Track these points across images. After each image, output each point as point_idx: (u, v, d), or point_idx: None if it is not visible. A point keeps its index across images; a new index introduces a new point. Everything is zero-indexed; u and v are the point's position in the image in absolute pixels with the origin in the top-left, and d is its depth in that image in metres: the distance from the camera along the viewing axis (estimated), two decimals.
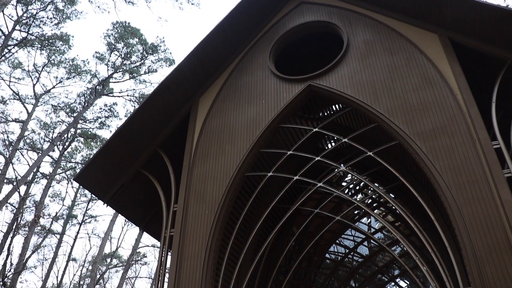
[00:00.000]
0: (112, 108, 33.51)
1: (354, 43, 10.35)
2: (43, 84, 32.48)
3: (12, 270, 24.29)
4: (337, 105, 12.34)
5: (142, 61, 33.90)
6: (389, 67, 9.56)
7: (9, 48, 27.74)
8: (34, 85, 31.18)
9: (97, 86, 32.46)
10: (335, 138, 11.70)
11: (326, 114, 12.50)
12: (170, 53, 34.19)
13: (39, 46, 30.44)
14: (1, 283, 22.65)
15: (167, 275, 9.28)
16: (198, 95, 11.36)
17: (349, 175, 14.53)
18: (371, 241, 15.83)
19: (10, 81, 30.53)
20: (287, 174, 10.06)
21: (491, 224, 7.00)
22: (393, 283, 15.95)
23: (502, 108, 9.21)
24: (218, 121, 10.67)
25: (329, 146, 13.36)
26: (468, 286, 7.10)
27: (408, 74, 9.26)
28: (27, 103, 31.07)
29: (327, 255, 15.48)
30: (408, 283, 16.72)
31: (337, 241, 15.41)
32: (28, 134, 30.96)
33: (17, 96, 30.61)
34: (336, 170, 10.08)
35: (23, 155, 30.86)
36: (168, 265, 9.39)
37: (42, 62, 31.91)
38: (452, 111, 8.34)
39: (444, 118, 8.33)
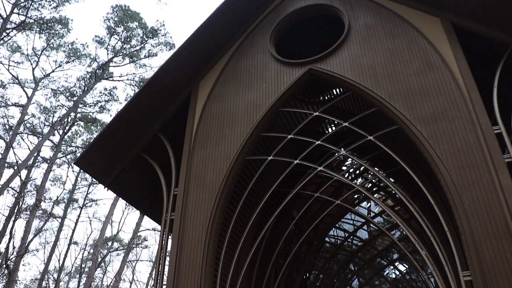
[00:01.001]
0: (112, 92, 33.44)
1: (355, 27, 10.26)
2: (43, 68, 32.42)
3: (15, 253, 24.49)
4: (337, 89, 12.28)
5: (142, 45, 33.71)
6: (390, 51, 9.50)
7: (7, 31, 27.54)
8: (33, 69, 31.06)
9: (97, 70, 32.33)
10: (336, 122, 11.70)
11: (326, 98, 12.45)
12: (170, 37, 34.08)
13: (38, 29, 30.22)
14: (4, 265, 22.85)
15: (167, 258, 9.35)
16: (198, 79, 11.31)
17: (349, 159, 14.55)
18: (371, 225, 15.90)
19: (9, 65, 30.41)
20: (287, 158, 10.07)
21: (491, 209, 7.02)
22: (392, 267, 16.08)
23: (504, 92, 9.17)
24: (218, 105, 10.64)
25: (330, 130, 13.34)
26: (467, 270, 7.15)
27: (410, 58, 9.19)
28: (26, 87, 30.99)
29: (326, 239, 15.56)
30: (407, 266, 16.82)
31: (337, 225, 15.48)
32: (28, 119, 30.94)
33: (17, 80, 30.50)
34: (336, 154, 10.10)
35: (23, 140, 30.86)
36: (168, 248, 9.45)
37: (41, 45, 31.81)
38: (453, 96, 8.30)
39: (445, 102, 8.30)
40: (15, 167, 26.24)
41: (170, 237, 9.55)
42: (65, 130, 31.70)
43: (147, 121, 11.00)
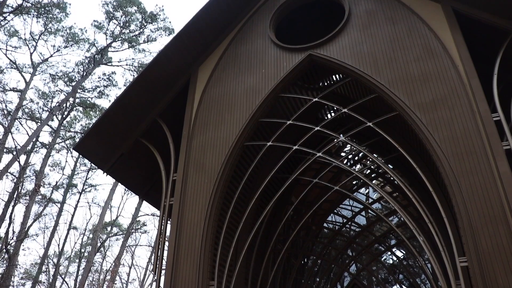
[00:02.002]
0: (111, 77, 33.28)
1: (356, 13, 10.19)
2: (40, 53, 32.11)
3: (15, 238, 24.62)
4: (337, 75, 12.25)
5: (141, 30, 33.45)
6: (390, 37, 9.45)
7: (4, 15, 27.28)
8: (31, 53, 30.83)
9: (96, 55, 32.13)
10: (335, 108, 11.69)
11: (326, 84, 12.42)
12: (170, 22, 33.85)
13: (35, 13, 29.92)
14: (4, 250, 23.00)
15: (166, 243, 9.41)
16: (198, 64, 11.26)
17: (348, 145, 14.57)
18: (369, 211, 16.00)
19: (6, 50, 30.17)
20: (287, 144, 10.08)
21: (488, 196, 7.07)
22: (389, 253, 16.21)
23: (504, 80, 9.14)
24: (217, 90, 10.61)
25: (329, 116, 13.33)
26: (463, 256, 7.21)
27: (410, 44, 9.15)
28: (24, 72, 30.80)
29: (325, 225, 15.67)
30: (404, 252, 16.96)
31: (335, 211, 15.58)
32: (27, 104, 30.80)
33: (14, 65, 30.31)
34: (336, 140, 10.10)
35: (22, 125, 30.76)
36: (167, 233, 9.51)
37: (39, 30, 31.60)
38: (453, 83, 8.29)
39: (445, 89, 8.29)
40: (14, 153, 26.24)
41: (169, 222, 9.60)
42: (64, 116, 31.62)
43: (146, 106, 10.97)
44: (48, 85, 32.68)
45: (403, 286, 16.62)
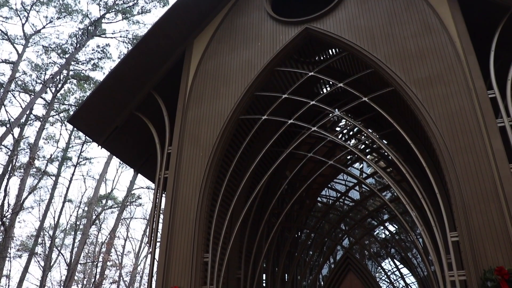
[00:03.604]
0: (105, 50, 32.82)
1: None
2: (33, 24, 31.54)
3: (10, 210, 24.70)
4: (333, 50, 12.14)
5: (135, 1, 32.86)
6: (388, 12, 9.35)
7: None
8: (23, 25, 30.29)
9: (89, 27, 31.63)
10: (331, 82, 11.63)
11: (322, 58, 12.32)
12: None
13: None
14: (0, 222, 23.11)
15: (161, 216, 9.47)
16: (193, 36, 11.12)
17: (344, 120, 14.56)
18: (363, 186, 16.11)
19: None
20: (282, 118, 10.07)
21: (481, 173, 7.13)
22: (382, 227, 16.41)
23: (501, 57, 9.10)
24: (213, 63, 10.52)
25: (325, 90, 13.28)
26: (454, 231, 7.32)
27: (408, 20, 9.07)
28: (16, 44, 30.30)
29: (319, 199, 15.78)
30: (396, 227, 17.18)
31: (329, 185, 15.66)
32: (20, 76, 30.39)
33: (6, 36, 29.79)
34: (331, 114, 10.10)
35: (15, 97, 30.42)
36: (162, 206, 9.56)
37: (31, 0, 30.85)
38: (450, 59, 8.25)
39: (442, 66, 8.26)
40: (8, 125, 26.07)
41: (164, 195, 9.64)
42: (58, 88, 31.29)
43: (141, 79, 10.88)
44: (41, 57, 32.24)
45: (394, 259, 16.88)
